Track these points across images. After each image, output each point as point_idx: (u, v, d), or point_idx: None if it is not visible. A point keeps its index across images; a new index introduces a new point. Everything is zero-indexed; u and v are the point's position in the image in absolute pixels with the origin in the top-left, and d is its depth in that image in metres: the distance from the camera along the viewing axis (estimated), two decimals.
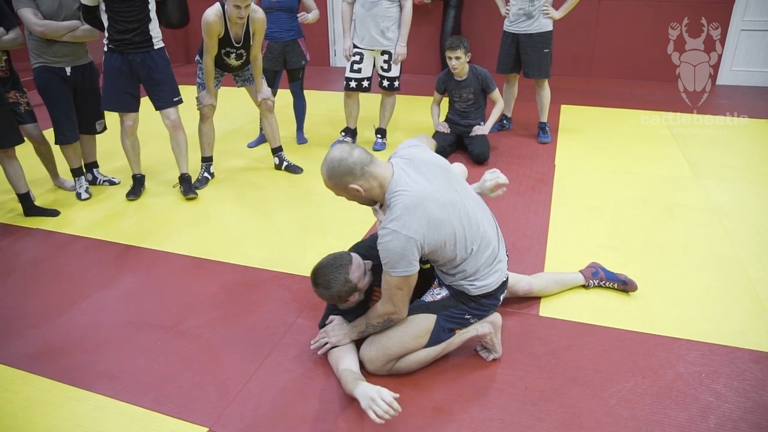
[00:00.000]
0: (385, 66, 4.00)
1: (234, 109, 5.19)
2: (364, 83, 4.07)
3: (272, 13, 3.87)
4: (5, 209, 3.38)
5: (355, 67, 4.02)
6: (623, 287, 2.38)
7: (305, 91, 4.37)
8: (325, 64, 7.34)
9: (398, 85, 4.09)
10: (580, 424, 1.74)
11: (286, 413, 1.81)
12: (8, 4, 3.15)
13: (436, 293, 1.95)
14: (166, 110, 3.37)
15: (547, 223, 3.02)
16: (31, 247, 2.96)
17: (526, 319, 2.24)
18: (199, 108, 3.56)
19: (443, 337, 1.91)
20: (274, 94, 4.00)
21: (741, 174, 3.64)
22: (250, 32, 3.35)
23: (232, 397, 1.88)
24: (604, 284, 2.40)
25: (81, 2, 3.07)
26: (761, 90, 5.73)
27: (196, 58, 3.51)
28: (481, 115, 4.02)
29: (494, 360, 2.01)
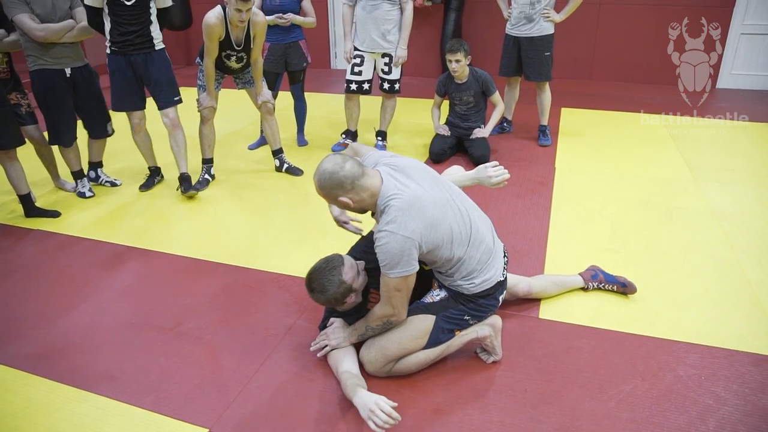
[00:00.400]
0: (386, 68, 4.01)
1: (234, 111, 5.20)
2: (365, 86, 4.08)
3: (274, 15, 3.87)
4: (6, 210, 3.38)
5: (356, 69, 4.03)
6: (622, 290, 2.39)
7: (306, 94, 4.38)
8: (326, 67, 7.35)
9: (399, 87, 4.10)
10: (580, 426, 1.74)
11: (286, 414, 1.81)
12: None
13: (435, 294, 1.95)
14: (166, 110, 3.44)
15: (547, 226, 3.03)
16: (31, 248, 2.96)
17: (526, 322, 2.24)
18: (199, 110, 3.57)
19: (442, 339, 1.92)
20: (275, 97, 4.01)
21: (741, 177, 3.65)
22: (250, 35, 3.37)
23: (232, 398, 1.89)
24: (603, 287, 2.41)
25: (85, 4, 3.09)
26: (761, 93, 5.74)
27: (197, 60, 3.52)
28: (482, 118, 4.02)
29: (494, 362, 2.01)
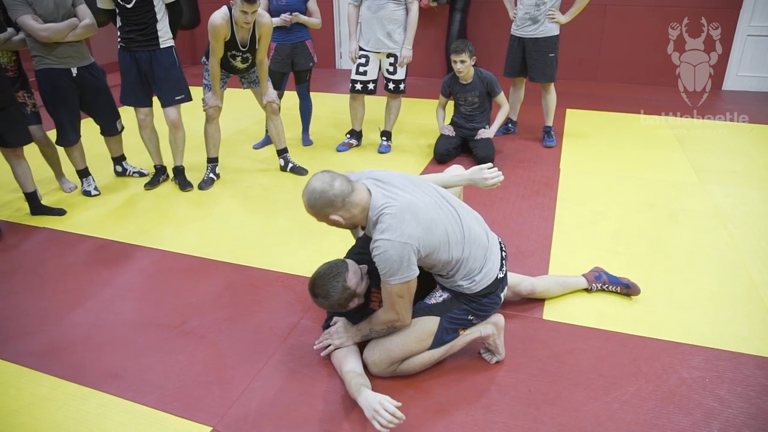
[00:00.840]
0: (391, 69, 4.01)
1: (240, 111, 5.22)
2: (370, 86, 4.09)
3: (280, 15, 3.88)
4: (12, 208, 3.40)
5: (361, 69, 4.04)
6: (626, 291, 2.38)
7: (311, 93, 4.39)
8: (331, 67, 7.36)
9: (404, 87, 4.10)
10: (583, 427, 1.74)
11: (290, 413, 1.82)
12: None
13: (438, 296, 1.95)
14: (167, 108, 3.48)
15: (552, 227, 3.02)
16: (37, 245, 2.98)
17: (530, 323, 2.24)
18: (204, 109, 3.58)
19: (446, 339, 1.92)
20: (280, 96, 4.02)
21: (746, 179, 3.63)
22: (256, 36, 3.37)
23: (235, 396, 1.89)
24: (606, 288, 2.40)
25: (98, 7, 3.18)
26: (767, 95, 5.71)
27: (203, 60, 3.53)
28: (486, 119, 4.02)
29: (497, 363, 2.01)
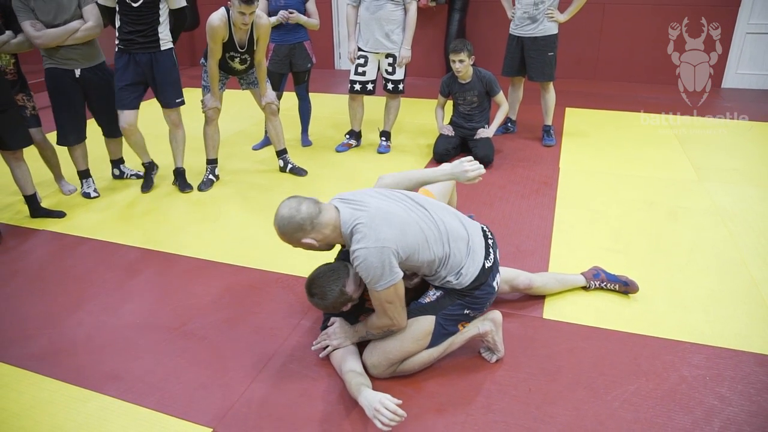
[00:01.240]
0: (390, 69, 4.01)
1: (239, 112, 5.22)
2: (369, 86, 4.09)
3: (279, 13, 3.88)
4: (12, 210, 3.40)
5: (360, 69, 4.04)
6: (624, 289, 2.38)
7: (310, 94, 4.39)
8: (330, 67, 7.36)
9: (403, 88, 4.10)
10: (584, 426, 1.74)
11: (290, 414, 1.82)
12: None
13: (432, 294, 1.95)
14: (167, 110, 3.49)
15: (552, 226, 3.02)
16: (37, 248, 2.98)
17: (530, 322, 2.24)
18: (204, 111, 3.58)
19: (445, 337, 1.92)
20: (279, 97, 4.01)
21: (746, 177, 3.63)
22: (254, 38, 3.37)
23: (236, 398, 1.89)
24: (605, 286, 2.40)
25: (99, 3, 3.17)
26: (767, 93, 5.71)
27: (201, 61, 3.53)
28: (486, 118, 4.02)
29: (497, 362, 2.01)
